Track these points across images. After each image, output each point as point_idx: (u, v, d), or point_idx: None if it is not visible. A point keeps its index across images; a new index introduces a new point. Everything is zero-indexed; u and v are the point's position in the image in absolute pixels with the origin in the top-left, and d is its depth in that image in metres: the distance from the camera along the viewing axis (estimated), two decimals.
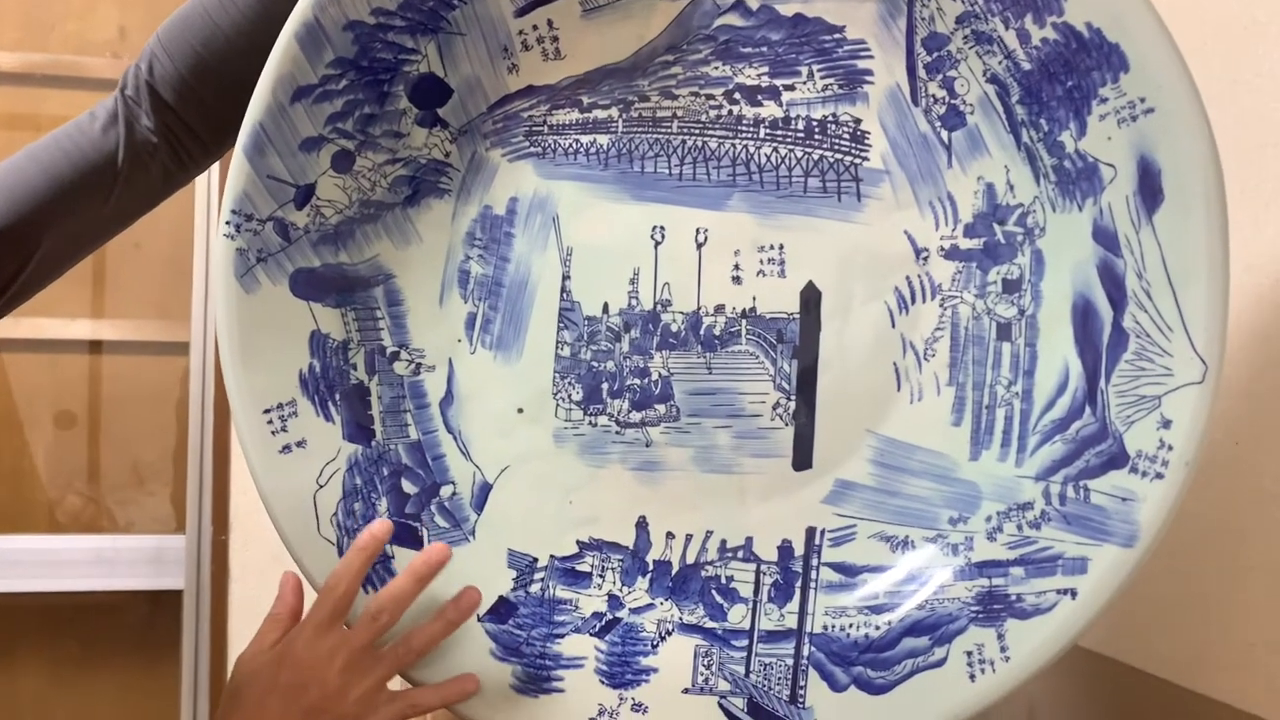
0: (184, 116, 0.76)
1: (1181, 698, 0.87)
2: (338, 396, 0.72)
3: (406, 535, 0.72)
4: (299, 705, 0.63)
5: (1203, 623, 0.88)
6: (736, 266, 0.72)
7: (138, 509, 1.74)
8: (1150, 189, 0.64)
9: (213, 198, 1.61)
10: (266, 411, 0.70)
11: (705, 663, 0.71)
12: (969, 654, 0.66)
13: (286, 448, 0.70)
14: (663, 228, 0.73)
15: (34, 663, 1.70)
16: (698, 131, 0.73)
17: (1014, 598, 0.66)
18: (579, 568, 0.73)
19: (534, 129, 0.74)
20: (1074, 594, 0.65)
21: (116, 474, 1.75)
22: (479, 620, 0.72)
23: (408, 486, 0.73)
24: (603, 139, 0.73)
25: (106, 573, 1.60)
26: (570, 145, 0.73)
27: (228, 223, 0.69)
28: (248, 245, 0.69)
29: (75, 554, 1.63)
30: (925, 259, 0.71)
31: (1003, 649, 0.66)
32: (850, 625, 0.70)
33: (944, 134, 0.70)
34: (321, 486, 0.71)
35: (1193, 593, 0.89)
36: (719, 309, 0.73)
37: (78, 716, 1.70)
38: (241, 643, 1.51)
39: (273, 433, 0.70)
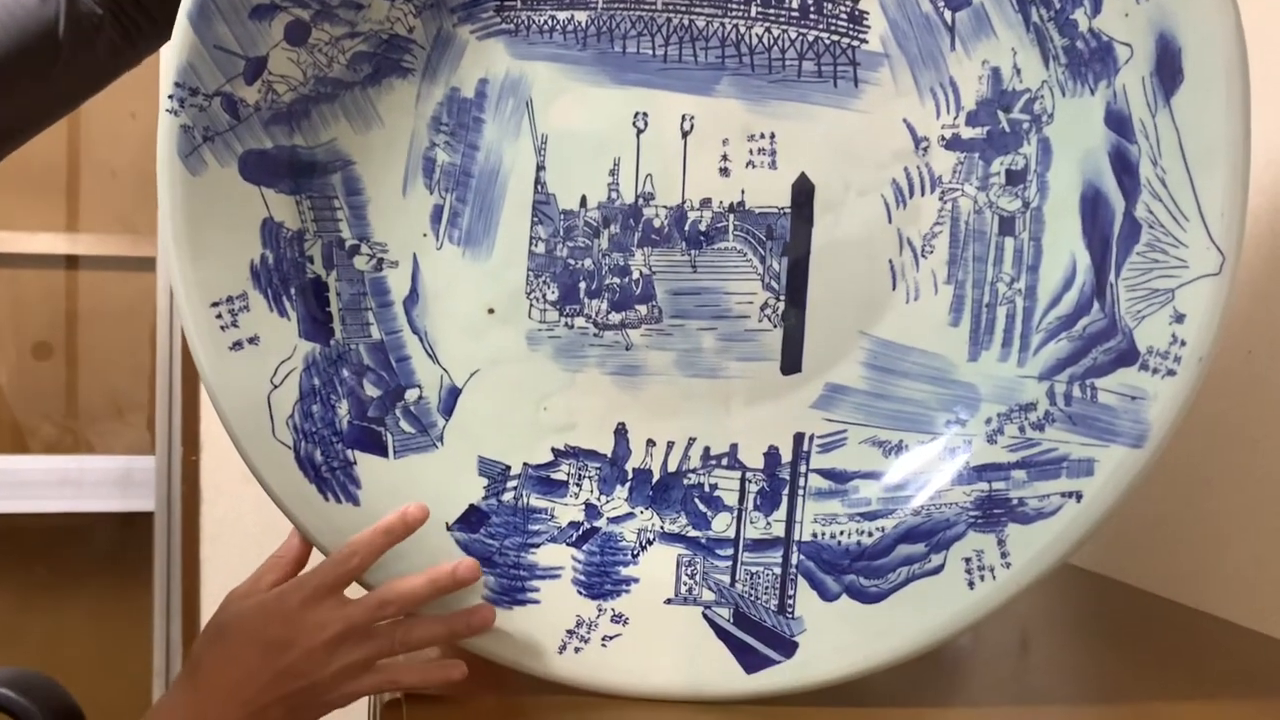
0: None
1: (1185, 616, 0.86)
2: (293, 291, 0.68)
3: (369, 440, 0.69)
4: (277, 663, 0.62)
5: (1208, 538, 0.86)
6: (724, 157, 0.69)
7: (116, 438, 1.71)
8: (1169, 69, 0.61)
9: None
10: (215, 305, 0.66)
11: (689, 572, 0.68)
12: (968, 560, 0.65)
13: (237, 344, 0.66)
14: (645, 114, 0.69)
15: (3, 587, 1.68)
16: (684, 9, 0.69)
17: (1015, 502, 0.65)
18: (554, 476, 0.70)
19: (506, 3, 0.69)
20: (1079, 497, 0.63)
21: (93, 402, 1.72)
22: (448, 529, 0.69)
23: (370, 389, 0.69)
24: (581, 15, 0.69)
25: (74, 494, 1.57)
26: (545, 22, 0.69)
27: (170, 96, 0.64)
28: (193, 122, 0.65)
29: (42, 474, 1.60)
30: (925, 149, 0.68)
31: (1003, 555, 0.64)
32: (841, 532, 0.67)
33: (947, 14, 0.67)
34: (276, 387, 0.67)
35: (1198, 508, 0.87)
36: (705, 203, 0.69)
37: (48, 640, 1.69)
38: (214, 565, 1.50)
39: (222, 328, 0.66)
